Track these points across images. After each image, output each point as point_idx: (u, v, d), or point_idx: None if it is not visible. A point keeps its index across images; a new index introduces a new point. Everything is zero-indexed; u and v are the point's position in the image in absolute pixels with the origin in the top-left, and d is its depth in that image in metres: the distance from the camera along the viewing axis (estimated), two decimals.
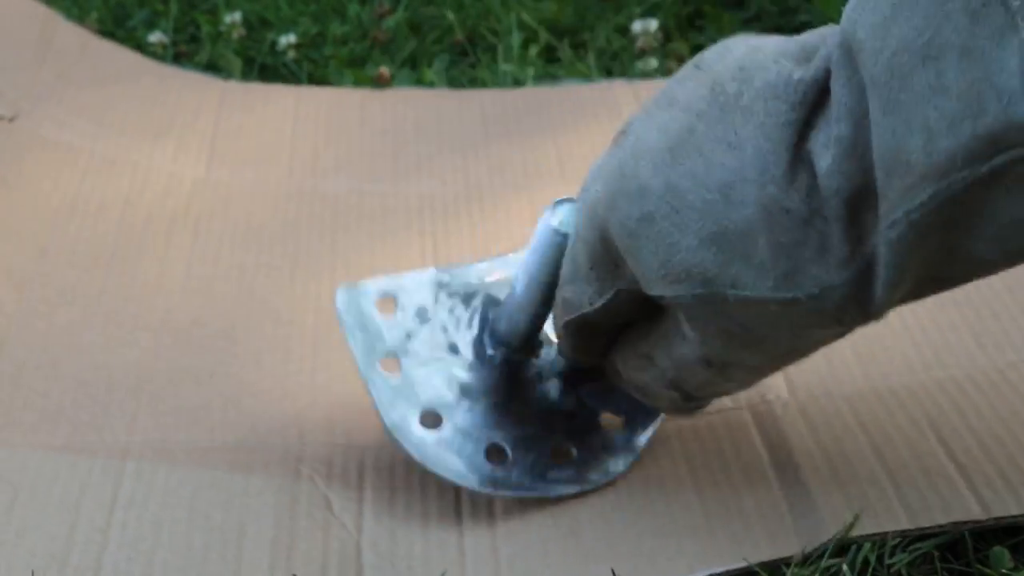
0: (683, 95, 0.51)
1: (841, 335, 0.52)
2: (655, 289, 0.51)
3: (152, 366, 0.66)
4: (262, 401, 0.64)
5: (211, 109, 0.89)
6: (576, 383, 0.60)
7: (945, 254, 0.47)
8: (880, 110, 0.45)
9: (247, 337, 0.68)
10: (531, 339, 0.60)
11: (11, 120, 0.83)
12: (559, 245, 0.56)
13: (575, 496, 0.57)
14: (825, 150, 0.47)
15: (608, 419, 0.60)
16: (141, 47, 1.01)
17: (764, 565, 0.53)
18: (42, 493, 0.57)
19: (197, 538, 0.55)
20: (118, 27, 1.05)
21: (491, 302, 0.61)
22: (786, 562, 0.53)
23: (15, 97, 0.85)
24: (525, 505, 0.57)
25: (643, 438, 0.60)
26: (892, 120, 0.45)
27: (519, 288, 0.58)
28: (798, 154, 0.47)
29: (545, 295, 0.57)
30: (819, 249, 0.47)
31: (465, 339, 0.60)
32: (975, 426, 0.59)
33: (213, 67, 0.99)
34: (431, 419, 0.58)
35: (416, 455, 0.57)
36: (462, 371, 0.60)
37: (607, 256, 0.52)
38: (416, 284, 0.61)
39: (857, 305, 0.48)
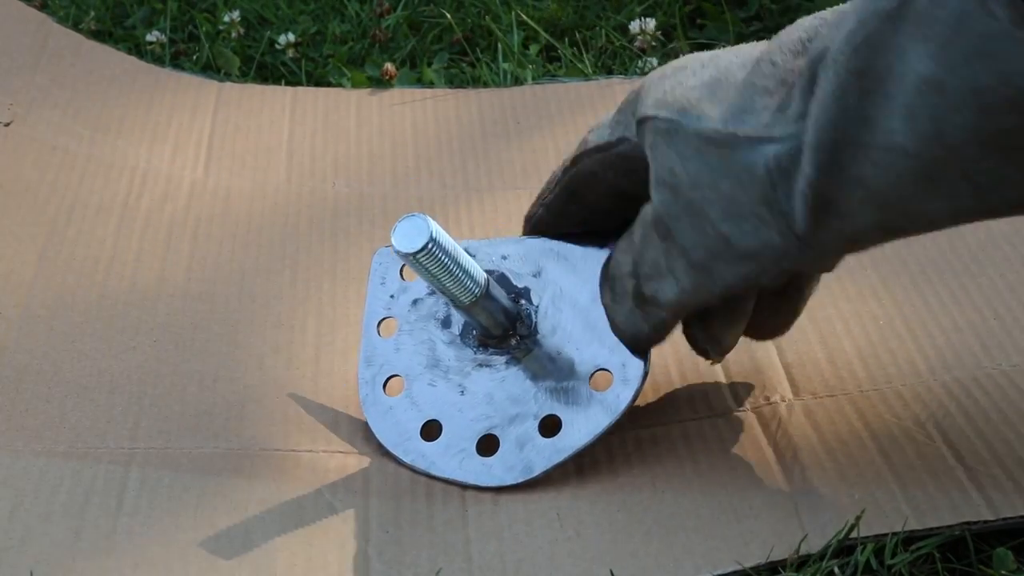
0: None
1: None
2: None
3: (154, 371, 0.65)
4: (265, 407, 0.63)
5: (207, 110, 0.89)
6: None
7: None
8: None
9: (249, 341, 0.68)
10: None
11: (7, 125, 0.83)
12: None
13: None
14: None
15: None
16: (139, 46, 1.01)
17: (764, 565, 0.53)
18: (46, 499, 0.57)
19: (204, 546, 0.55)
20: (116, 26, 1.05)
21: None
22: (782, 564, 0.53)
23: (10, 102, 0.85)
24: (530, 509, 0.57)
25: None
26: None
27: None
28: None
29: None
30: None
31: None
32: (983, 429, 0.59)
33: (211, 66, 0.98)
34: (430, 431, 0.60)
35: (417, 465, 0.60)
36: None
37: None
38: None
39: None
